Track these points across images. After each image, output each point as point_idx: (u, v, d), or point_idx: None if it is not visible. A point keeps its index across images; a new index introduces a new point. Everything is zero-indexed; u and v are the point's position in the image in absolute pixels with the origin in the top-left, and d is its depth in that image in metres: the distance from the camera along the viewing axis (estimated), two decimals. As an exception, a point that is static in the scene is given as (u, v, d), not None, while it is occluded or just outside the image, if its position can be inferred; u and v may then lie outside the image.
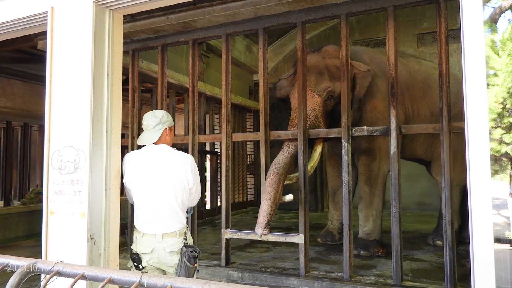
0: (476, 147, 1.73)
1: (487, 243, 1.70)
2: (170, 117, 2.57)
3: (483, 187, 1.72)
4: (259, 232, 3.92)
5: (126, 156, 2.55)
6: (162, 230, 2.38)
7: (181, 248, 2.38)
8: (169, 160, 2.43)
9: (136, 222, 2.48)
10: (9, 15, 3.00)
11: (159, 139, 2.47)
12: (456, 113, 4.47)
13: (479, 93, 1.74)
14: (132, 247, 2.45)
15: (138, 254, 2.39)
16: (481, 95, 1.73)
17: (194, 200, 2.59)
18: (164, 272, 2.46)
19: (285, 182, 4.40)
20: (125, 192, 2.59)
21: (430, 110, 5.34)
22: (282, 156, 4.32)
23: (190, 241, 2.48)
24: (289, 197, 4.23)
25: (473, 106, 1.75)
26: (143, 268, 2.37)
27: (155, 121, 2.46)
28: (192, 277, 2.37)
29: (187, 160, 2.46)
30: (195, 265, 2.37)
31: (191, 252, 2.36)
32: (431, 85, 5.36)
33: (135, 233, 2.47)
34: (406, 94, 5.19)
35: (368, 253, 4.92)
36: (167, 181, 2.39)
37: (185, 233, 2.45)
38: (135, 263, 2.38)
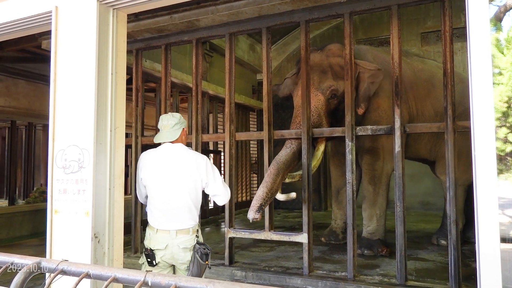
0: (482, 146, 1.72)
1: (493, 242, 1.68)
2: (184, 120, 2.66)
3: (489, 186, 1.70)
4: (250, 216, 3.77)
5: (144, 154, 2.59)
6: (176, 226, 2.42)
7: (194, 245, 2.43)
8: (185, 158, 2.49)
9: (150, 218, 2.50)
10: (14, 14, 3.00)
11: (178, 138, 2.56)
12: (460, 112, 4.45)
13: (485, 91, 1.72)
14: (145, 243, 2.48)
15: (152, 250, 2.42)
16: (487, 94, 1.72)
17: (222, 197, 2.61)
18: (174, 269, 2.50)
19: (288, 180, 4.39)
20: (137, 189, 2.61)
21: (434, 109, 5.32)
22: (284, 152, 4.34)
23: (201, 239, 2.54)
24: (292, 195, 4.22)
25: (479, 104, 1.74)
26: (156, 264, 2.41)
27: (174, 121, 2.54)
28: (203, 274, 2.43)
29: (202, 160, 2.54)
30: (206, 262, 2.43)
31: (204, 249, 2.42)
32: (435, 84, 5.34)
33: (148, 230, 2.50)
34: (410, 93, 5.17)
35: (372, 253, 4.90)
36: (183, 179, 2.44)
37: (197, 230, 2.51)
38: (149, 259, 2.41)
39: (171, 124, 2.53)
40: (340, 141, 5.00)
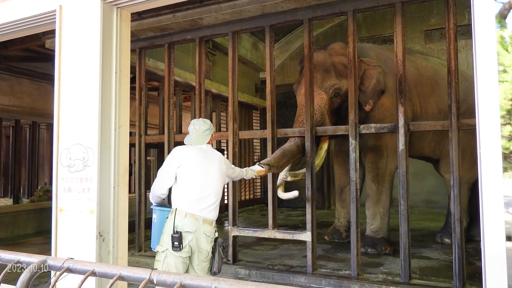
0: (488, 144, 1.71)
1: (498, 241, 1.68)
2: (213, 126, 2.93)
3: (495, 185, 1.70)
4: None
5: (180, 148, 2.74)
6: (204, 214, 2.60)
7: (217, 239, 2.66)
8: (217, 158, 2.77)
9: (179, 203, 2.61)
10: (18, 14, 3.01)
11: (208, 141, 2.81)
12: (464, 110, 4.43)
13: (490, 89, 1.72)
14: (173, 228, 2.54)
15: (181, 233, 2.50)
16: (492, 91, 1.71)
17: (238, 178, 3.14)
18: (190, 262, 2.62)
19: (291, 179, 4.39)
20: (162, 179, 2.67)
21: (438, 107, 5.29)
22: (288, 144, 4.41)
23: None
24: (294, 194, 4.20)
25: (484, 102, 1.73)
26: (182, 248, 2.49)
27: (206, 127, 2.77)
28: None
29: (227, 161, 2.91)
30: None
31: (225, 243, 2.70)
32: (439, 81, 5.31)
33: (176, 216, 2.57)
34: (413, 91, 5.15)
35: (376, 251, 4.90)
36: (217, 175, 2.72)
37: (215, 225, 2.71)
38: (176, 242, 2.48)
39: (202, 129, 2.75)
40: (344, 140, 4.99)
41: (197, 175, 2.63)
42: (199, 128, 2.76)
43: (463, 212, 4.23)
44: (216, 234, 2.68)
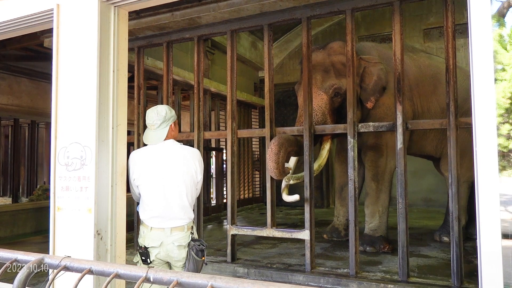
0: (484, 142, 1.72)
1: (494, 239, 1.68)
2: (173, 111, 2.51)
3: (491, 183, 1.70)
4: (274, 172, 4.05)
5: (133, 153, 2.51)
6: (171, 224, 2.37)
7: (189, 242, 2.38)
8: (179, 154, 2.41)
9: (144, 216, 2.44)
10: (15, 12, 3.01)
11: (166, 136, 2.45)
12: (467, 109, 4.42)
13: (487, 87, 1.72)
14: (139, 242, 2.44)
15: (147, 248, 2.37)
16: (488, 90, 1.71)
17: (197, 194, 2.61)
18: (170, 266, 2.46)
19: (294, 182, 4.40)
20: (131, 189, 2.56)
21: (440, 106, 5.28)
22: (286, 135, 4.36)
23: (195, 235, 2.48)
24: (295, 197, 4.18)
25: (480, 100, 1.73)
26: (151, 262, 2.36)
27: (160, 119, 2.41)
28: (200, 270, 2.39)
29: (196, 154, 2.48)
30: (203, 258, 2.38)
31: (199, 245, 2.37)
32: (442, 80, 5.31)
33: (142, 228, 2.45)
34: (415, 90, 5.14)
35: (374, 249, 4.90)
36: (178, 176, 2.38)
37: (192, 227, 2.46)
38: (143, 258, 2.37)
39: (156, 123, 2.40)
40: (346, 138, 5.00)
41: (156, 184, 2.36)
42: (152, 122, 2.40)
43: (462, 211, 4.24)
44: (190, 238, 2.40)
